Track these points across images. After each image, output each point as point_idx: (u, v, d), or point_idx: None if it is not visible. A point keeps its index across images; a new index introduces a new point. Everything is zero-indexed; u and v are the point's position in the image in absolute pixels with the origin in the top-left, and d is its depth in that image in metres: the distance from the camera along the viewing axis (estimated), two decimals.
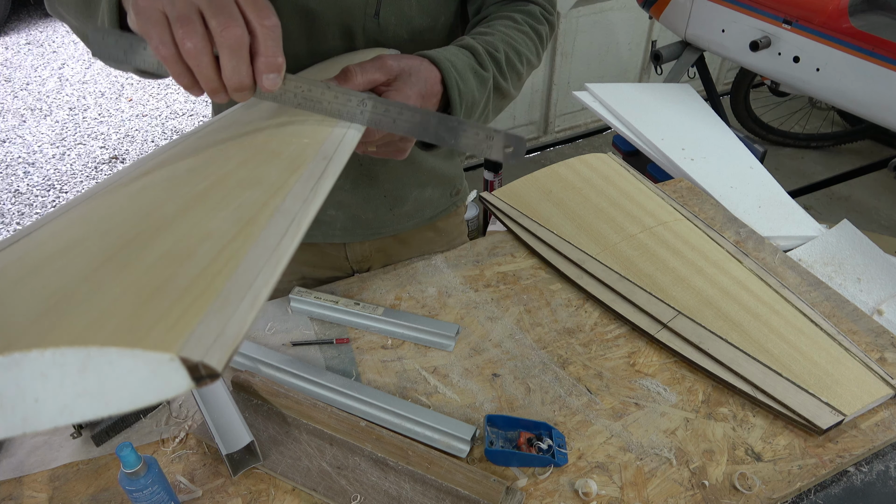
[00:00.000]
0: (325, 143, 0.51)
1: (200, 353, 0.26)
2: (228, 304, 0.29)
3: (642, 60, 3.29)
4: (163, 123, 3.55)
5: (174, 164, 0.51)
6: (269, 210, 0.38)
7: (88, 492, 0.70)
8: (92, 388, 0.26)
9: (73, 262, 0.33)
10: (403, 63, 0.65)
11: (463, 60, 0.71)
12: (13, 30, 4.54)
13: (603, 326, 0.91)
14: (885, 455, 0.77)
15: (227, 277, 0.31)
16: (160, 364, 0.25)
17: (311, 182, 0.43)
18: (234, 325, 0.28)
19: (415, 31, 0.82)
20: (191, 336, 0.26)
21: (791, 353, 0.83)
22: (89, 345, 0.25)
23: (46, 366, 0.25)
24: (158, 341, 0.26)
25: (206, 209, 0.38)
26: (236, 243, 0.34)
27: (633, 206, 1.08)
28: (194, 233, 0.35)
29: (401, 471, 0.71)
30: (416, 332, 0.89)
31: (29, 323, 0.27)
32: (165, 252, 0.33)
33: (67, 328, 0.26)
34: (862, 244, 1.17)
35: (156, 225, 0.36)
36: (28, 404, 0.26)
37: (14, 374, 0.25)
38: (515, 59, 0.79)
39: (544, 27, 0.87)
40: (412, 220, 1.04)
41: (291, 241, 0.36)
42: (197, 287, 0.30)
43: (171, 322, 0.27)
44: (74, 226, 0.42)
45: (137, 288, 0.29)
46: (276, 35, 0.50)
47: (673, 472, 0.72)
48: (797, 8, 1.92)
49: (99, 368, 0.25)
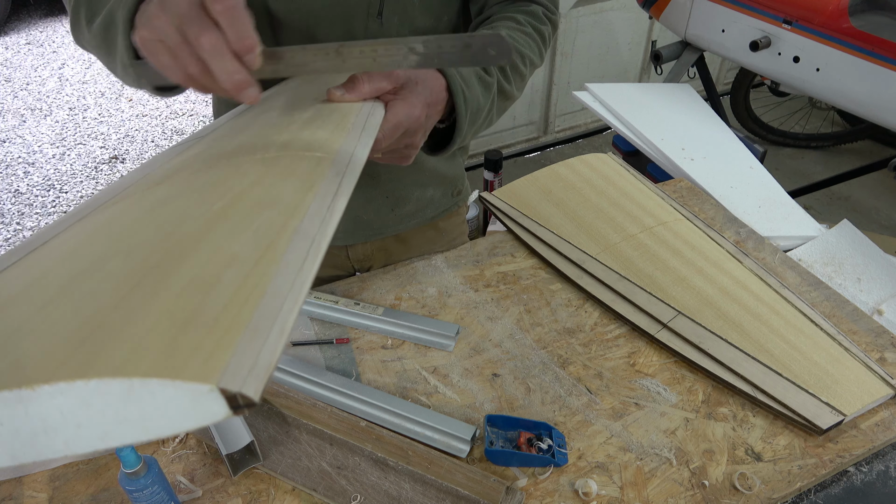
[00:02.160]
0: (337, 157, 0.51)
1: (238, 384, 0.27)
2: (258, 334, 0.30)
3: (642, 60, 3.29)
4: (163, 123, 3.55)
5: (187, 175, 0.51)
6: (288, 232, 0.39)
7: (88, 492, 0.70)
8: (133, 415, 0.27)
9: (101, 285, 0.34)
10: (410, 71, 0.65)
11: None
12: (13, 30, 4.54)
13: (603, 326, 0.91)
14: (885, 455, 0.77)
15: (254, 306, 0.32)
16: (200, 394, 0.26)
17: (327, 200, 0.44)
18: (265, 354, 0.29)
19: (417, 31, 0.82)
20: (227, 367, 0.27)
21: (791, 353, 0.83)
22: (132, 376, 0.26)
23: (90, 395, 0.26)
24: (197, 373, 0.27)
25: (226, 231, 0.39)
26: (260, 268, 0.35)
27: (633, 206, 1.08)
28: (218, 257, 0.36)
29: (401, 471, 0.71)
30: (416, 332, 0.89)
31: (71, 351, 0.28)
32: (192, 278, 0.34)
33: (109, 359, 0.27)
34: (862, 244, 1.17)
35: (179, 247, 0.37)
36: (70, 429, 0.27)
37: (59, 402, 0.26)
38: (519, 61, 0.79)
39: (547, 27, 0.87)
40: (413, 219, 1.04)
41: (313, 265, 0.37)
42: (227, 317, 0.31)
43: (207, 353, 0.28)
44: (93, 240, 0.42)
45: (170, 317, 0.30)
46: (233, 17, 0.50)
47: (673, 472, 0.72)
48: (797, 8, 1.92)
49: (140, 398, 0.27)
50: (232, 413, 0.27)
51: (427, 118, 0.66)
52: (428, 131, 0.69)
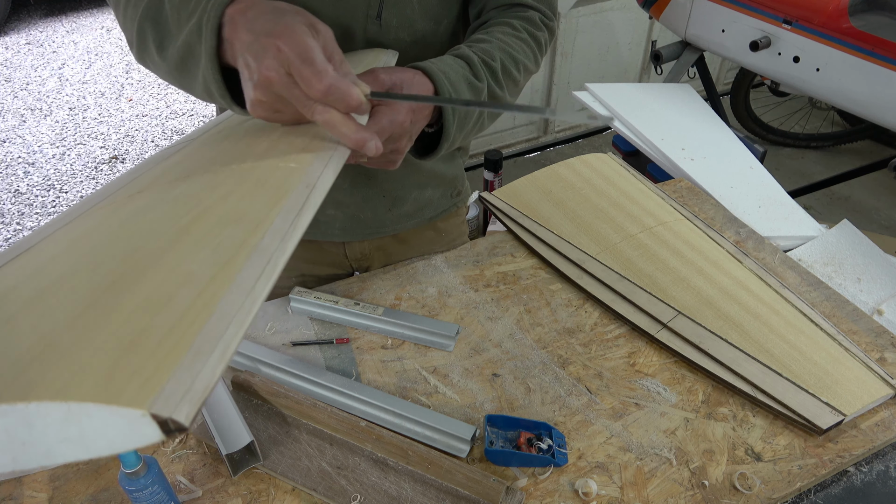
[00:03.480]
0: (310, 168, 0.51)
1: (169, 410, 0.28)
2: (198, 358, 0.31)
3: (642, 60, 3.29)
4: (163, 123, 3.55)
5: (166, 184, 0.52)
6: (246, 249, 0.40)
7: (88, 492, 0.70)
8: (73, 435, 0.29)
9: (63, 300, 0.36)
10: (395, 77, 0.65)
11: (457, 71, 0.71)
12: (13, 30, 4.54)
13: (603, 326, 0.91)
14: (885, 455, 0.77)
15: (199, 328, 0.33)
16: (133, 419, 0.28)
17: (291, 215, 0.45)
18: (202, 379, 0.30)
19: (416, 34, 0.82)
20: (160, 393, 0.29)
21: (791, 353, 0.83)
22: (70, 400, 0.28)
23: (32, 416, 0.28)
24: (132, 398, 0.28)
25: (188, 247, 0.40)
26: (213, 286, 0.36)
27: (633, 206, 1.08)
28: (174, 275, 0.37)
29: (401, 471, 0.71)
30: (416, 332, 0.89)
31: (19, 372, 0.30)
32: (146, 297, 0.35)
33: (51, 382, 0.29)
34: (862, 244, 1.17)
35: (141, 264, 0.39)
36: (16, 447, 0.29)
37: (3, 422, 0.28)
38: (512, 66, 0.79)
39: (543, 33, 0.86)
40: (412, 220, 1.03)
41: (266, 284, 0.38)
42: (171, 339, 0.32)
43: (144, 378, 0.29)
44: (69, 251, 0.44)
45: (117, 338, 0.32)
46: (335, 92, 0.53)
47: (673, 472, 0.72)
48: (797, 8, 1.92)
49: (79, 420, 0.28)
50: (165, 437, 0.28)
51: (412, 124, 0.66)
52: (414, 136, 0.69)
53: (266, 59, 0.52)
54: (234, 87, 0.61)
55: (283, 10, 0.56)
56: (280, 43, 0.52)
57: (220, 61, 0.59)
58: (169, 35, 0.63)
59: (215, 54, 0.58)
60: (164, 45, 0.64)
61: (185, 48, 0.61)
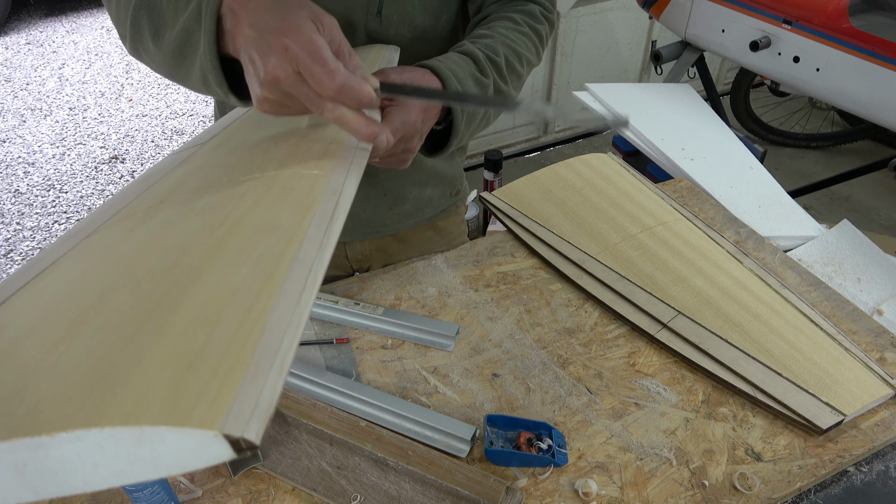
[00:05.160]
0: (334, 174, 0.51)
1: (240, 429, 0.28)
2: (259, 374, 0.31)
3: (642, 60, 3.29)
4: (163, 123, 3.55)
5: (188, 194, 0.52)
6: (286, 260, 0.40)
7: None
8: (144, 456, 0.29)
9: (110, 321, 0.36)
10: (406, 76, 0.65)
11: (464, 68, 0.71)
12: (13, 30, 4.54)
13: (603, 326, 0.91)
14: (885, 455, 0.77)
15: (255, 344, 0.33)
16: (205, 439, 0.28)
17: (323, 224, 0.45)
18: (266, 395, 0.31)
19: (416, 29, 0.82)
20: (230, 413, 0.29)
21: (791, 353, 0.83)
22: (141, 424, 0.28)
23: (103, 440, 0.29)
24: (202, 420, 0.28)
25: (227, 261, 0.40)
26: (261, 301, 0.36)
27: (633, 206, 1.08)
28: (220, 290, 0.37)
29: (401, 471, 0.71)
30: (416, 332, 0.89)
31: (84, 397, 0.30)
32: (196, 315, 0.35)
33: (119, 406, 0.30)
34: (862, 244, 1.17)
35: (183, 280, 0.39)
36: (87, 469, 0.29)
37: (75, 447, 0.29)
38: (515, 61, 0.79)
39: (544, 26, 0.87)
40: (412, 219, 1.04)
41: (311, 295, 0.38)
42: (229, 356, 0.32)
43: (210, 398, 0.30)
44: (100, 266, 0.44)
45: (176, 359, 0.32)
46: (345, 89, 0.52)
47: (673, 472, 0.72)
48: (797, 8, 1.92)
49: (150, 442, 0.29)
50: (237, 455, 0.29)
51: (423, 122, 0.66)
52: (425, 135, 0.69)
53: (273, 57, 0.52)
54: (231, 75, 0.60)
55: (287, 3, 0.55)
56: (287, 41, 0.51)
57: (219, 51, 0.58)
58: (164, 22, 0.62)
59: (214, 40, 0.57)
60: (160, 32, 0.63)
61: (183, 34, 0.60)
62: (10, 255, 2.64)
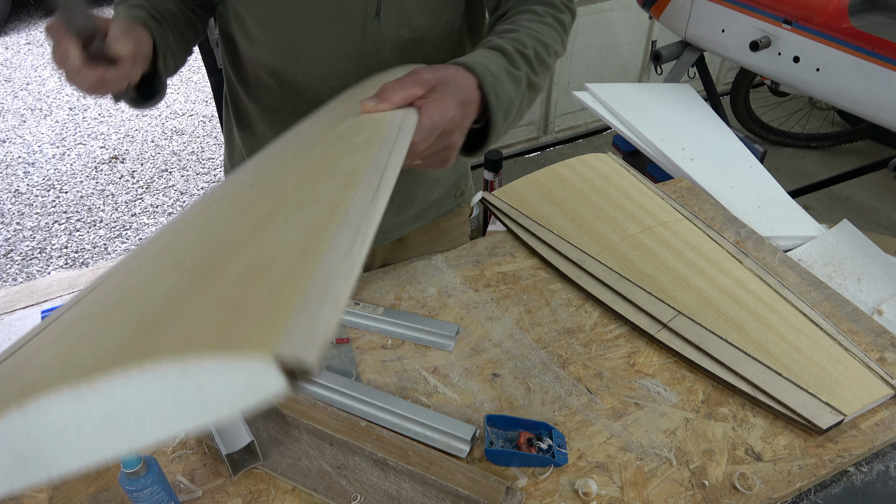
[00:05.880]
0: (376, 156, 0.51)
1: (296, 350, 0.26)
2: (312, 307, 0.29)
3: (642, 60, 3.29)
4: (163, 123, 3.54)
5: (228, 197, 0.52)
6: (334, 223, 0.39)
7: (88, 492, 0.70)
8: (192, 399, 0.27)
9: (155, 291, 0.35)
10: (440, 74, 0.65)
11: (496, 63, 0.71)
12: (13, 30, 4.54)
13: (603, 326, 0.91)
14: (885, 455, 0.77)
15: (307, 284, 0.31)
16: (256, 369, 0.26)
17: (369, 195, 0.44)
18: (321, 326, 0.28)
19: (416, 30, 0.82)
20: (282, 338, 0.27)
21: (791, 353, 0.83)
22: (186, 357, 0.26)
23: (147, 382, 0.26)
24: (252, 345, 0.26)
25: (273, 230, 0.39)
26: (309, 255, 0.35)
27: (633, 206, 1.08)
28: (266, 251, 0.36)
29: (401, 471, 0.71)
30: (416, 332, 0.89)
31: (125, 346, 0.28)
32: (242, 270, 0.33)
33: (162, 346, 0.27)
34: (862, 244, 1.17)
35: (228, 250, 0.37)
36: (132, 422, 0.27)
37: (118, 395, 0.26)
38: (543, 52, 0.78)
39: (566, 15, 0.86)
40: (417, 222, 1.04)
41: (362, 247, 0.37)
42: (280, 296, 0.30)
43: (260, 329, 0.27)
44: (149, 264, 0.43)
45: (223, 304, 0.30)
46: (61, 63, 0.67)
47: (673, 472, 0.72)
48: (797, 8, 1.92)
49: (197, 378, 0.26)
50: (290, 386, 0.26)
51: (462, 117, 0.66)
52: (465, 130, 0.68)
53: None
54: None
55: None
56: None
57: None
58: None
59: None
60: None
61: None
62: (10, 255, 2.64)
